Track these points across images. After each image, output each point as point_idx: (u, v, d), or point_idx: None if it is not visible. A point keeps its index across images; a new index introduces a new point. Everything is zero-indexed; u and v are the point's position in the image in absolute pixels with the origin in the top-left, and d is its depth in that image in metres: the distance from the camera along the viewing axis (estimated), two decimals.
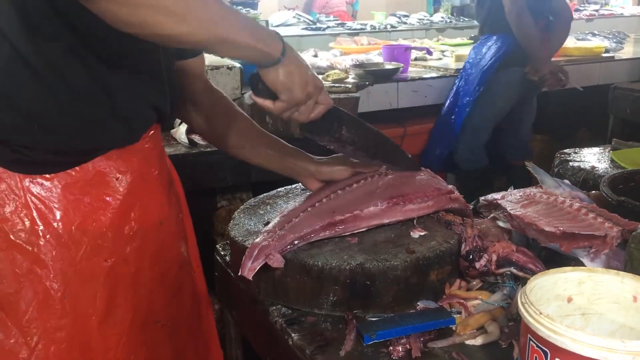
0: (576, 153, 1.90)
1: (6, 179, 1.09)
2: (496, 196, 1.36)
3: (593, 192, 1.41)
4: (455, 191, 1.32)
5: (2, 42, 1.03)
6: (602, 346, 0.70)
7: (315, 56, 3.83)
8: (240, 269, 1.09)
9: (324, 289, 1.10)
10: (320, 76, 2.14)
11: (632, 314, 0.84)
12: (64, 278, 1.12)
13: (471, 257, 1.16)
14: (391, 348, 0.99)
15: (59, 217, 1.11)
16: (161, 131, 1.28)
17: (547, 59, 3.27)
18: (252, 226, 1.27)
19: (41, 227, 1.10)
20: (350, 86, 2.79)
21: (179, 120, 2.32)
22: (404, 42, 4.43)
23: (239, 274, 1.09)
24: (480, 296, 1.11)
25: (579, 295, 0.87)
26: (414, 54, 3.78)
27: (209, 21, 0.95)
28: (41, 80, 1.05)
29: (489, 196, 1.38)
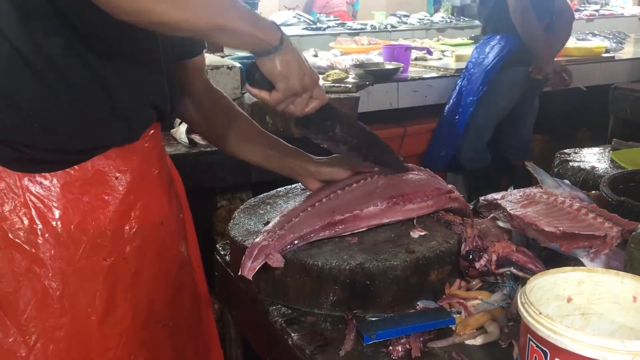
0: (576, 153, 1.90)
1: (5, 177, 1.09)
2: (496, 196, 1.36)
3: (593, 192, 1.41)
4: (454, 191, 1.32)
5: (2, 42, 1.03)
6: (602, 346, 0.70)
7: (316, 56, 3.83)
8: (240, 269, 1.09)
9: (323, 288, 1.10)
10: (321, 76, 2.14)
11: (632, 314, 0.84)
12: (63, 277, 1.12)
13: (471, 257, 1.16)
14: (391, 348, 0.98)
15: (57, 216, 1.11)
16: (161, 130, 1.28)
17: (550, 58, 3.27)
18: (252, 226, 1.27)
19: (40, 226, 1.10)
20: (350, 86, 2.79)
21: (179, 120, 2.32)
22: (404, 42, 4.44)
23: (239, 273, 1.09)
24: (480, 296, 1.11)
25: (579, 295, 0.87)
26: (414, 54, 3.78)
27: (208, 9, 0.96)
28: (41, 80, 1.05)
29: (489, 196, 1.38)
